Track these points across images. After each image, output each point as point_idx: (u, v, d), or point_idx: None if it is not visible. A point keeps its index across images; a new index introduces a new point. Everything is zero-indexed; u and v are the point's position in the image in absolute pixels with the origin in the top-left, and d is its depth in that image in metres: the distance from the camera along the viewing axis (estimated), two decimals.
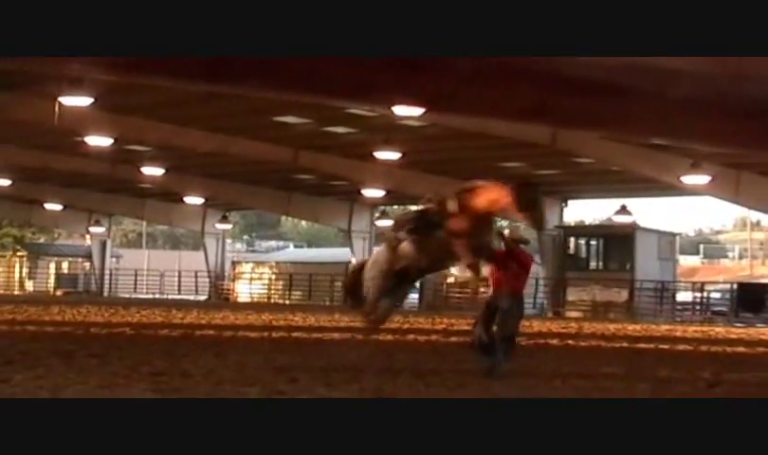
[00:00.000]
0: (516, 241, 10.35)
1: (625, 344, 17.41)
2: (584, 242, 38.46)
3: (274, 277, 48.25)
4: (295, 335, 17.80)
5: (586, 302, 35.98)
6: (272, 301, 44.22)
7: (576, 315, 34.58)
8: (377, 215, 41.80)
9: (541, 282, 36.60)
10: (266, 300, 44.83)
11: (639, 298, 35.62)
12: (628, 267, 35.99)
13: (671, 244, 38.13)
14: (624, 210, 35.84)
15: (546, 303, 37.01)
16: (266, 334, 17.81)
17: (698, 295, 37.92)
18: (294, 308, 34.10)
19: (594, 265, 37.41)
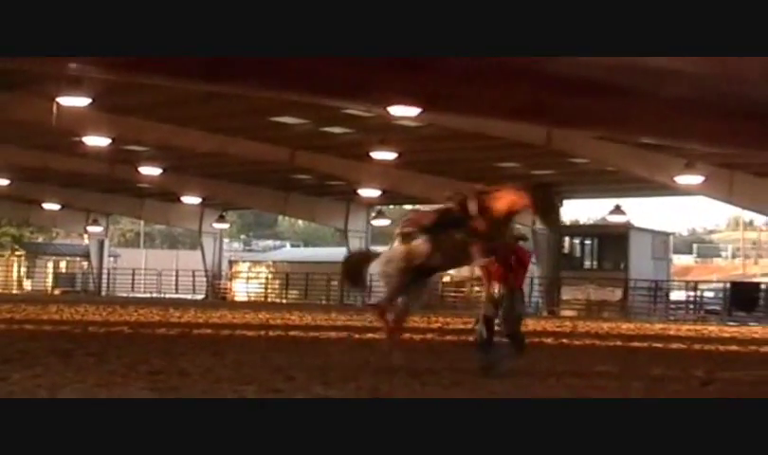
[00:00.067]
0: (514, 238, 10.37)
1: (619, 343, 17.41)
2: (579, 241, 38.47)
3: (271, 276, 48.22)
4: (292, 333, 17.78)
5: (580, 301, 36.00)
6: (269, 300, 44.18)
7: (571, 314, 34.59)
8: (373, 215, 41.80)
9: (536, 281, 36.60)
10: (263, 300, 44.78)
11: (633, 297, 35.65)
12: (622, 267, 36.01)
13: (665, 243, 38.15)
14: (618, 210, 35.86)
15: (541, 302, 37.02)
16: (263, 332, 17.79)
17: (691, 294, 37.95)
18: (291, 307, 34.07)
19: (589, 265, 37.43)
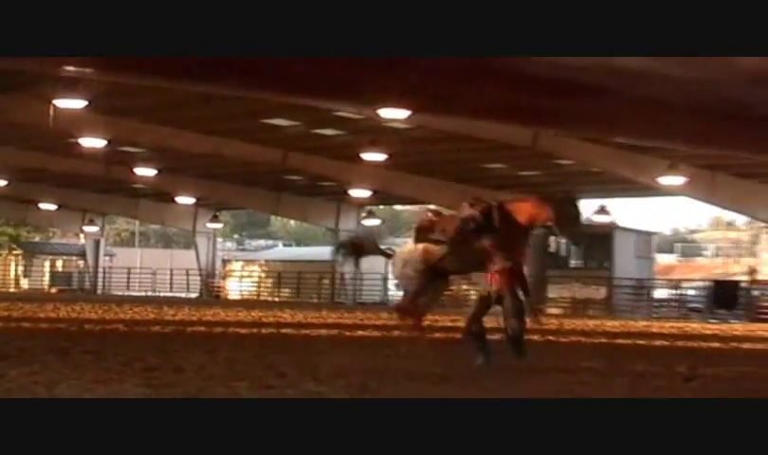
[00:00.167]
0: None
1: (604, 340, 17.43)
2: (564, 240, 38.51)
3: (264, 275, 48.18)
4: (284, 331, 17.77)
5: (566, 299, 36.05)
6: (261, 299, 44.15)
7: (557, 311, 34.65)
8: (364, 215, 41.82)
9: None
10: (256, 298, 44.75)
11: (617, 295, 35.72)
12: (606, 265, 36.08)
13: (648, 242, 38.23)
14: (603, 210, 35.92)
15: (527, 300, 36.99)
16: (256, 330, 17.78)
17: (674, 292, 38.04)
18: (283, 305, 34.05)
19: (574, 263, 37.49)
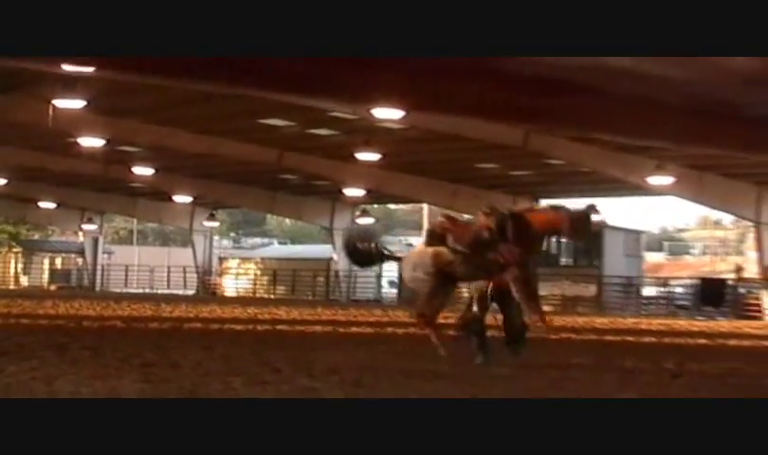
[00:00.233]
0: None
1: (593, 336, 17.47)
2: (555, 239, 38.53)
3: (259, 272, 48.18)
4: (279, 328, 17.78)
5: (556, 297, 36.08)
6: (257, 296, 44.12)
7: (547, 309, 34.60)
8: (358, 214, 41.81)
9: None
10: (252, 295, 44.73)
11: (607, 292, 35.76)
12: (596, 263, 36.11)
13: (637, 241, 38.27)
14: (593, 209, 35.93)
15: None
16: (252, 327, 17.78)
17: (662, 289, 38.10)
18: (278, 302, 34.04)
19: (565, 261, 37.52)
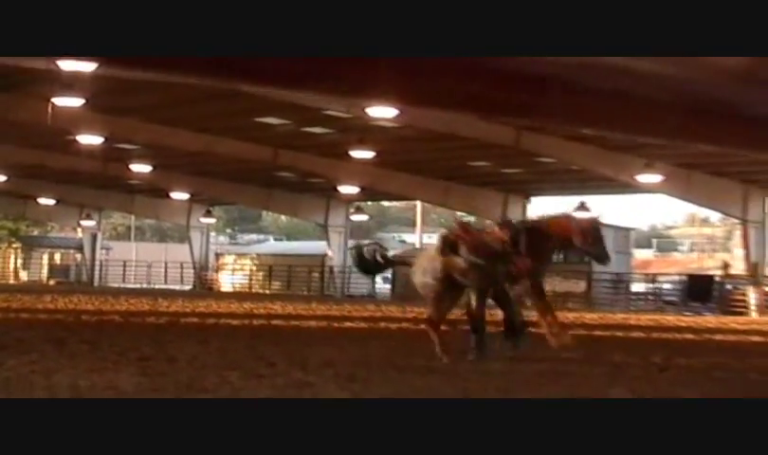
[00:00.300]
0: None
1: (583, 331, 17.48)
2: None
3: (255, 268, 48.11)
4: (274, 323, 17.78)
5: (547, 292, 35.94)
6: (253, 291, 44.10)
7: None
8: (352, 211, 41.82)
9: None
10: (248, 290, 44.70)
11: (596, 288, 35.78)
12: (586, 260, 36.03)
13: (626, 238, 38.28)
14: (583, 207, 35.89)
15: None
16: (247, 322, 17.78)
17: (651, 286, 38.14)
18: (273, 298, 34.03)
19: (555, 258, 37.46)
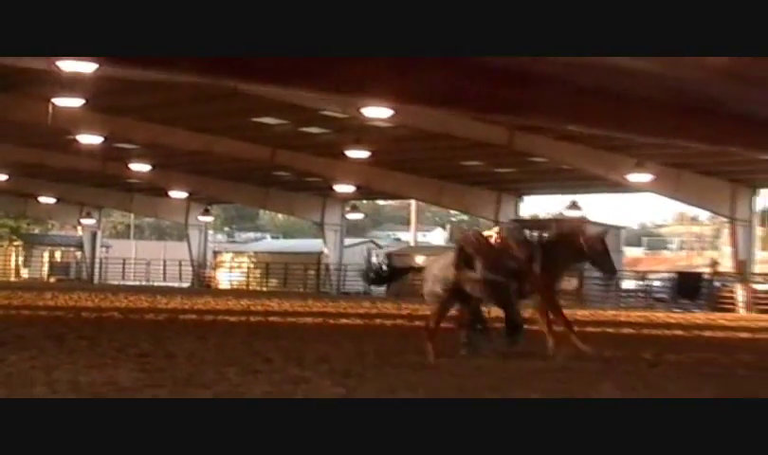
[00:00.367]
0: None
1: (575, 328, 17.46)
2: (538, 234, 38.54)
3: (252, 265, 48.09)
4: (271, 319, 17.78)
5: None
6: (250, 288, 44.08)
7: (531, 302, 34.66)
8: (348, 209, 41.82)
9: None
10: (245, 288, 44.69)
11: (588, 285, 35.80)
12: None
13: (617, 236, 38.23)
14: (574, 205, 35.98)
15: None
16: (245, 318, 17.78)
17: (641, 283, 38.19)
18: (270, 295, 34.03)
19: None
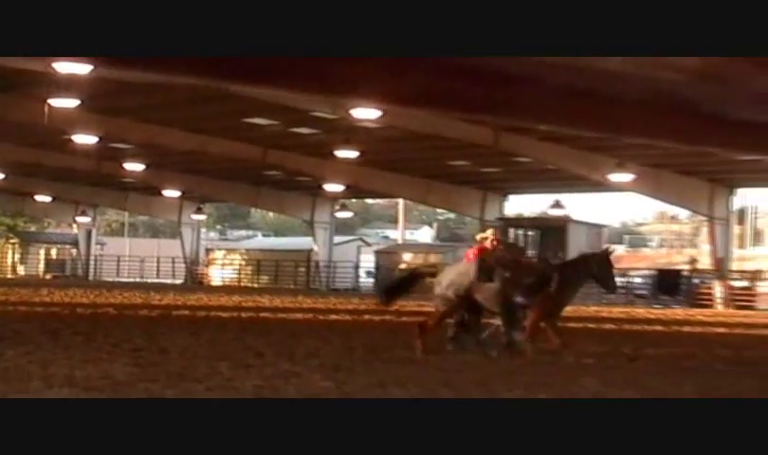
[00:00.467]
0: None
1: (558, 323, 17.49)
2: (522, 232, 38.61)
3: (244, 263, 48.04)
4: (262, 315, 17.77)
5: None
6: (242, 285, 44.02)
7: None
8: (337, 208, 41.81)
9: None
10: (237, 284, 44.62)
11: None
12: (561, 255, 36.17)
13: (599, 234, 38.38)
14: (558, 204, 36.09)
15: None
16: (236, 314, 17.76)
17: (622, 280, 38.18)
18: (262, 291, 33.99)
19: (531, 254, 37.55)
